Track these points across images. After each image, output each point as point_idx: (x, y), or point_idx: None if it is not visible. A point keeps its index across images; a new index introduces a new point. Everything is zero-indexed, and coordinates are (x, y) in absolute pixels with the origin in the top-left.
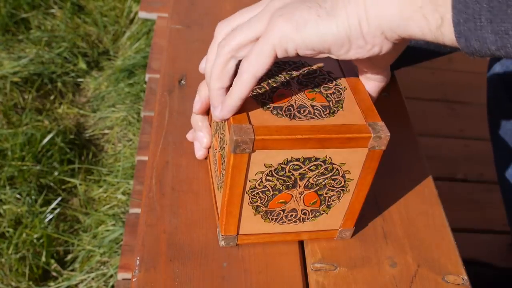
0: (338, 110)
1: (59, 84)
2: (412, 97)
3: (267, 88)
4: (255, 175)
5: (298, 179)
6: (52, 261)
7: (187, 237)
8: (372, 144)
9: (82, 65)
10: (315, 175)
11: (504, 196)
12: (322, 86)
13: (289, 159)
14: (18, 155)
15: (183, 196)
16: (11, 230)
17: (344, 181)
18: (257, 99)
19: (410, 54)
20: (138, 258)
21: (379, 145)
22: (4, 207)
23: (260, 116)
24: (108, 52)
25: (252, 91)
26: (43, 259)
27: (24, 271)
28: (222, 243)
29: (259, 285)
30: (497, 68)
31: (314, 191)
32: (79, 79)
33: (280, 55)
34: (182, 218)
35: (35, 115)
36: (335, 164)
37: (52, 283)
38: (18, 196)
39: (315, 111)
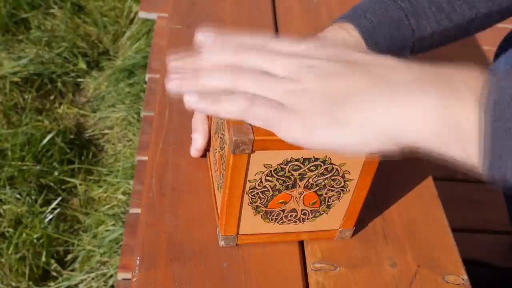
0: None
1: (59, 84)
2: None
3: None
4: (255, 175)
5: (297, 180)
6: (52, 261)
7: (187, 237)
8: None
9: (82, 65)
10: (314, 176)
11: (506, 196)
12: None
13: (288, 159)
14: (18, 155)
15: (183, 196)
16: (11, 230)
17: (344, 182)
18: None
19: (416, 44)
20: (138, 258)
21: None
22: (4, 207)
23: None
24: (108, 52)
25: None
26: (43, 259)
27: (24, 271)
28: (222, 243)
29: (259, 285)
30: (501, 68)
31: (314, 191)
32: (79, 79)
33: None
34: (182, 218)
35: (35, 115)
36: (335, 165)
37: (52, 283)
38: (18, 196)
39: None
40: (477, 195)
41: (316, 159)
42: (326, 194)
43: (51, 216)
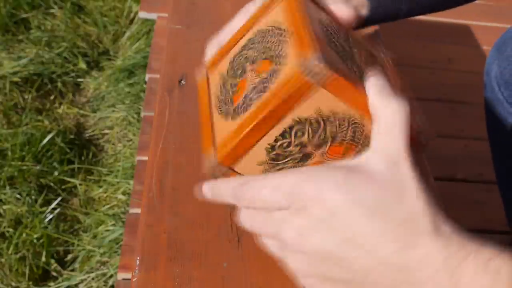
0: (281, 65)
1: (59, 84)
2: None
3: (229, 90)
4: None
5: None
6: (52, 261)
7: (187, 237)
8: (311, 78)
9: (82, 65)
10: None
11: (502, 196)
12: (272, 47)
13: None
14: (18, 155)
15: (183, 196)
16: (11, 230)
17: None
18: (220, 108)
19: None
20: (138, 258)
21: (319, 75)
22: (4, 207)
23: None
24: (108, 52)
25: (219, 103)
26: (43, 259)
27: (24, 271)
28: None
29: (259, 285)
30: (494, 69)
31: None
32: (79, 79)
33: None
34: (182, 218)
35: (35, 115)
36: (334, 115)
37: (52, 283)
38: (18, 196)
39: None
40: (477, 195)
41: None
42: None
43: (51, 216)
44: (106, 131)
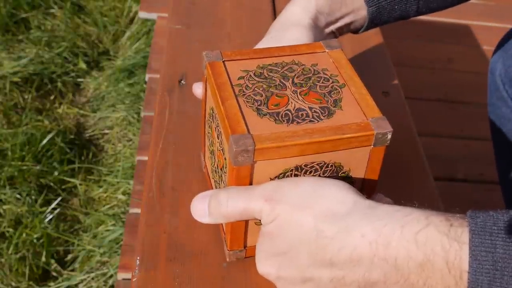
0: (336, 110)
1: (59, 84)
2: (412, 97)
3: (262, 93)
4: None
5: None
6: (52, 261)
7: (187, 237)
8: (375, 141)
9: (82, 65)
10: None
11: (505, 197)
12: (318, 85)
13: (289, 169)
14: (18, 155)
15: (183, 196)
16: (11, 230)
17: (351, 183)
18: (253, 106)
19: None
20: (138, 258)
21: (383, 141)
22: (4, 207)
23: (257, 123)
24: (108, 52)
25: (247, 99)
26: (43, 259)
27: (24, 271)
28: (230, 258)
29: (259, 285)
30: (499, 67)
31: None
32: (79, 79)
33: None
34: (182, 218)
35: (35, 115)
36: (340, 166)
37: (52, 283)
38: (18, 196)
39: (313, 113)
40: (477, 195)
41: (320, 163)
42: None
43: (51, 216)
44: (106, 131)
